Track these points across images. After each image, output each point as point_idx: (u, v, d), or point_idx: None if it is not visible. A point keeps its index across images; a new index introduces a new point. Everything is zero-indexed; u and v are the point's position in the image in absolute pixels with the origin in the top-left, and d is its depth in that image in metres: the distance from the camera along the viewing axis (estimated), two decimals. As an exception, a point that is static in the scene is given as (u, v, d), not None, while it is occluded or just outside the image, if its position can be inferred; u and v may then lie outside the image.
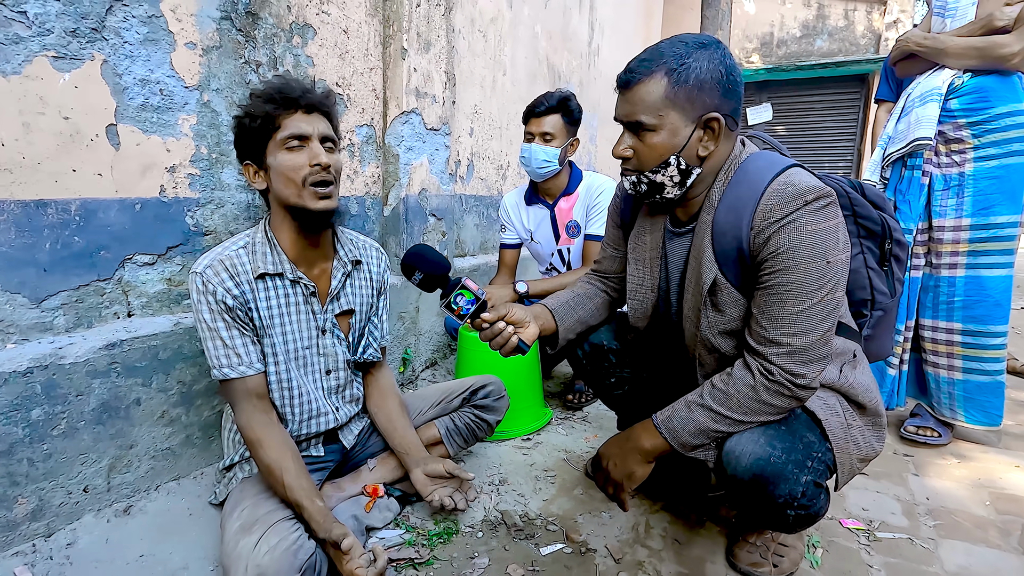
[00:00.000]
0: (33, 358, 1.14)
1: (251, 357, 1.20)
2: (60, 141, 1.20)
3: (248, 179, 1.25)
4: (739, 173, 1.06)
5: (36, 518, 1.17)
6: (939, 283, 1.86)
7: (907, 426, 1.94)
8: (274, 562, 1.00)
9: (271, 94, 1.17)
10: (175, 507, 1.37)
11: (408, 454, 1.40)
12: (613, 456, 1.22)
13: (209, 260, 1.18)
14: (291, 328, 1.27)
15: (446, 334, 2.48)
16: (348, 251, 1.37)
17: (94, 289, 1.30)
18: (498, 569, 1.24)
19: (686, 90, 1.00)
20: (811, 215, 0.96)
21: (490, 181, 3.02)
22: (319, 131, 1.20)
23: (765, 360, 1.02)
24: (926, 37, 1.86)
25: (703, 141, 1.05)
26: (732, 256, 1.05)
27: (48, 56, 1.16)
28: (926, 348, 1.91)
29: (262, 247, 1.24)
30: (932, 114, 1.77)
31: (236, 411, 1.21)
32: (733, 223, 1.03)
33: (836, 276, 0.99)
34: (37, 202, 1.18)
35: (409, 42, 2.07)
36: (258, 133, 1.18)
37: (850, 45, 7.54)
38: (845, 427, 1.09)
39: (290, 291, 1.26)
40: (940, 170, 1.84)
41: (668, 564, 1.27)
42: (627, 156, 1.09)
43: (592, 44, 4.33)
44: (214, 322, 1.17)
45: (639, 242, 1.27)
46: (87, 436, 1.24)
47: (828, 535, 1.38)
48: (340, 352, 1.36)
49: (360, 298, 1.39)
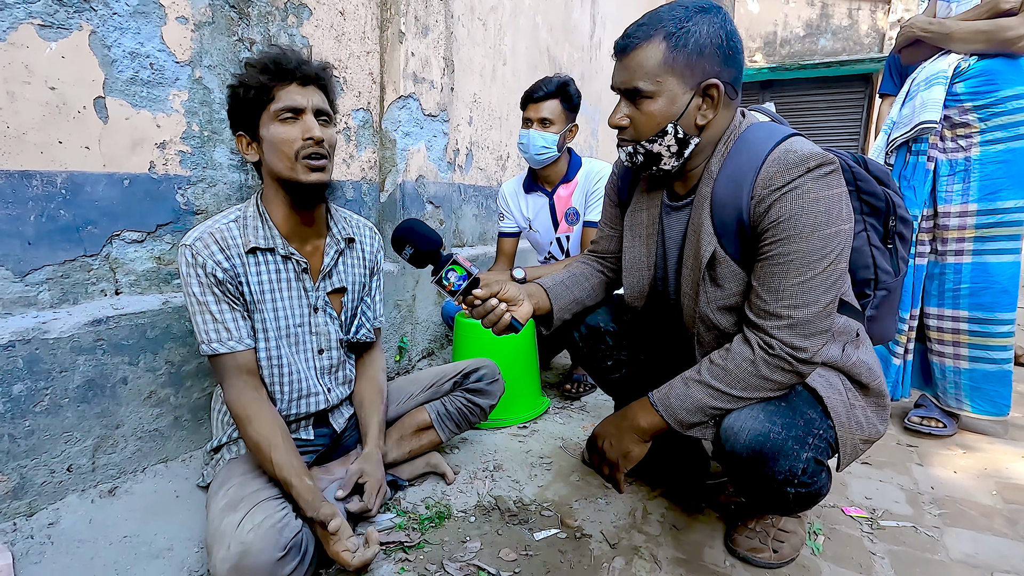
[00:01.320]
0: (15, 332, 1.12)
1: (241, 332, 1.17)
2: (46, 112, 1.17)
3: (240, 150, 1.23)
4: (739, 143, 1.03)
5: (17, 496, 1.15)
6: (945, 270, 1.82)
7: (911, 416, 1.90)
8: (258, 539, 0.97)
9: (266, 64, 1.15)
10: (162, 489, 1.34)
11: (364, 437, 1.36)
12: (609, 435, 1.19)
13: (199, 233, 1.16)
14: (282, 304, 1.24)
15: (443, 323, 2.45)
16: (341, 228, 1.35)
17: (80, 265, 1.27)
18: (490, 553, 1.21)
19: (685, 55, 0.96)
20: (814, 182, 0.93)
21: (489, 171, 2.99)
22: (313, 104, 1.17)
23: (765, 333, 0.99)
24: (931, 22, 1.83)
25: (702, 109, 1.01)
26: (732, 228, 1.02)
27: (34, 24, 1.13)
28: (931, 337, 1.87)
29: (253, 221, 1.22)
30: (938, 97, 1.74)
31: (225, 387, 1.18)
32: (733, 193, 1.00)
33: (840, 246, 0.95)
34: (22, 173, 1.15)
35: (407, 26, 2.05)
36: (252, 104, 1.16)
37: (854, 44, 7.51)
38: (848, 406, 1.05)
39: (281, 267, 1.24)
40: (946, 155, 1.81)
41: (665, 549, 1.24)
42: (623, 125, 1.06)
43: (594, 37, 4.31)
44: (203, 295, 1.14)
45: (636, 219, 1.25)
46: (71, 414, 1.21)
47: (830, 523, 1.34)
48: (333, 331, 1.33)
49: (353, 276, 1.37)
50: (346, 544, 1.08)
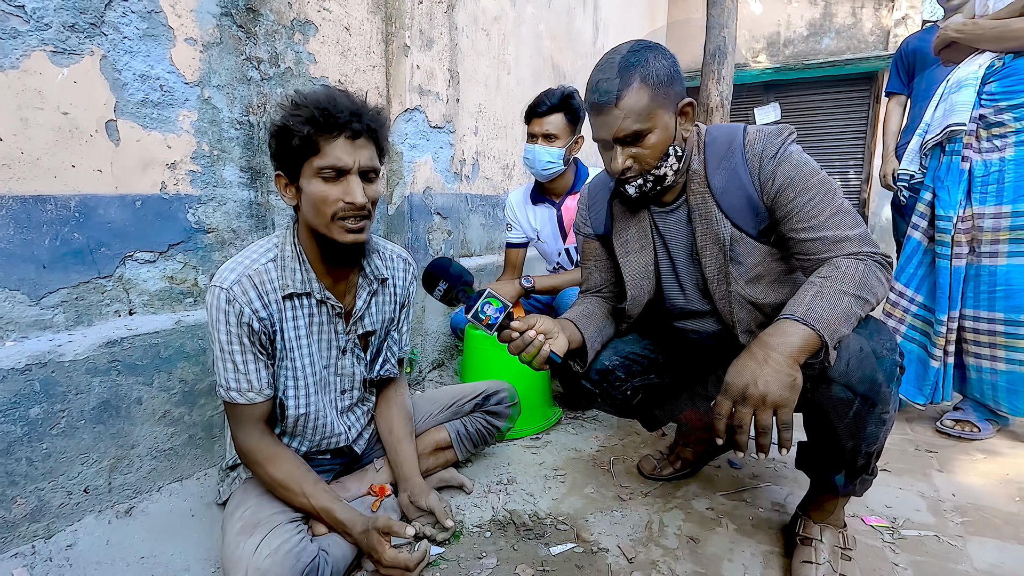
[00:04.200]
0: (32, 355, 1.13)
1: (262, 383, 1.13)
2: (59, 136, 1.19)
3: (278, 190, 1.15)
4: (709, 142, 1.18)
5: (35, 519, 1.15)
6: (980, 272, 1.79)
7: (945, 419, 1.88)
8: (275, 565, 0.97)
9: (314, 114, 1.03)
10: (177, 508, 1.34)
11: (401, 471, 1.35)
12: (755, 374, 0.92)
13: (236, 275, 1.09)
14: (314, 349, 1.20)
15: (452, 334, 2.45)
16: (375, 267, 1.28)
17: (94, 287, 1.28)
18: (507, 569, 1.20)
19: (663, 88, 1.08)
20: (793, 145, 1.12)
21: (495, 181, 3.00)
22: (361, 163, 1.08)
23: (847, 255, 1.03)
24: (965, 23, 1.82)
25: (683, 126, 1.14)
26: (741, 207, 1.13)
27: (46, 50, 1.15)
28: (967, 339, 1.84)
29: (291, 263, 1.15)
30: (967, 99, 1.73)
31: (237, 432, 1.15)
32: (731, 178, 1.13)
33: (836, 184, 1.09)
34: (36, 197, 1.16)
35: (411, 39, 2.06)
36: (295, 152, 1.07)
37: (858, 43, 7.47)
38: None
39: (315, 311, 1.19)
40: (981, 156, 1.78)
41: (684, 563, 1.22)
42: (628, 167, 1.12)
43: (597, 44, 4.32)
44: (229, 344, 1.09)
45: (625, 237, 1.30)
46: (87, 435, 1.22)
47: (849, 533, 1.32)
48: (358, 372, 1.30)
49: (382, 316, 1.32)
50: (402, 548, 1.09)
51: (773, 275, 1.17)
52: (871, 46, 7.47)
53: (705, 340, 1.31)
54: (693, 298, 1.27)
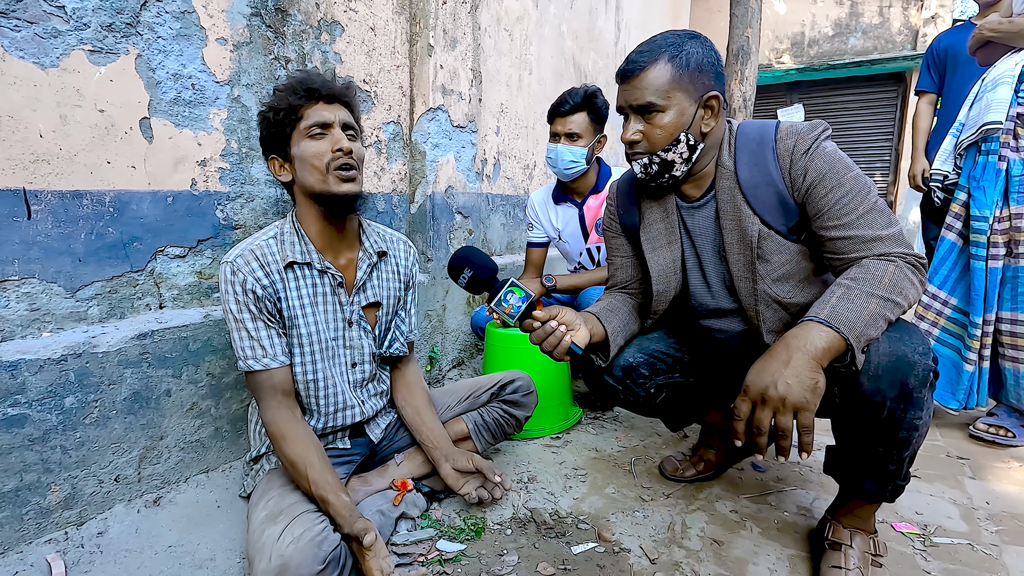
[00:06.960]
0: (67, 346, 1.16)
1: (275, 349, 1.19)
2: (95, 133, 1.22)
3: (274, 173, 1.27)
4: (740, 138, 1.16)
5: (68, 506, 1.18)
6: (1017, 273, 1.75)
7: (978, 423, 1.84)
8: (298, 552, 0.98)
9: (293, 87, 1.20)
10: (204, 499, 1.37)
11: (436, 448, 1.38)
12: (777, 375, 0.91)
13: (239, 250, 1.19)
14: (319, 319, 1.26)
15: (473, 333, 2.45)
16: (374, 242, 1.36)
17: (127, 280, 1.31)
18: (528, 567, 1.19)
19: (688, 73, 1.09)
20: (827, 141, 1.10)
21: (517, 180, 3.00)
22: (340, 119, 1.22)
23: (878, 255, 1.02)
24: (1000, 22, 1.79)
25: (705, 119, 1.13)
26: (772, 204, 1.11)
27: (85, 50, 1.18)
28: (1004, 342, 1.79)
29: (291, 237, 1.24)
30: (1004, 97, 1.69)
31: (261, 406, 1.20)
32: (761, 174, 1.12)
33: (870, 181, 1.07)
34: (73, 193, 1.20)
35: (436, 39, 2.07)
36: (282, 125, 1.21)
37: (885, 43, 7.31)
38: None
39: (318, 281, 1.26)
40: (1018, 154, 1.74)
41: (707, 565, 1.21)
42: (636, 140, 1.14)
43: (619, 44, 4.30)
44: (240, 312, 1.16)
45: (652, 232, 1.29)
46: (119, 425, 1.25)
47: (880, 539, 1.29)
48: (366, 345, 1.34)
49: (387, 291, 1.38)
50: (381, 564, 1.08)
51: (802, 274, 1.15)
52: (899, 45, 7.31)
53: (731, 341, 1.29)
54: (719, 295, 1.25)
